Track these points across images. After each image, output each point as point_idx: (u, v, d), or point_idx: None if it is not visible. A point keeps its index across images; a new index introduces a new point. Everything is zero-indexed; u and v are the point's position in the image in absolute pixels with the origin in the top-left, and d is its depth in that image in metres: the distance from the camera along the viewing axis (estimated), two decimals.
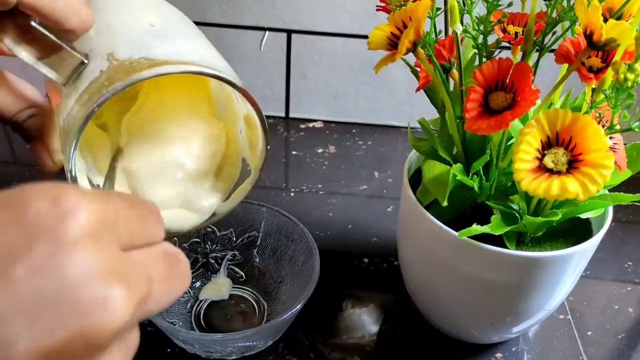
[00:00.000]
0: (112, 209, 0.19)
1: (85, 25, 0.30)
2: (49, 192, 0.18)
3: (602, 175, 0.28)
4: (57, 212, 0.18)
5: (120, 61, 0.30)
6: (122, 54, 0.31)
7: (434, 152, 0.39)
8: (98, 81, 0.30)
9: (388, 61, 0.33)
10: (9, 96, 0.32)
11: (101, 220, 0.18)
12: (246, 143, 0.39)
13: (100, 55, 0.31)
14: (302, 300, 0.40)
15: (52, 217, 0.17)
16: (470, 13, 0.34)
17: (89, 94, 0.30)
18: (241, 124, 0.39)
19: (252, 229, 0.49)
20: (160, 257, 0.21)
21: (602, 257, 0.51)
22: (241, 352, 0.42)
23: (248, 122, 0.38)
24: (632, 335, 0.46)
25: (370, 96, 0.66)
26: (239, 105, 0.38)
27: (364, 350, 0.44)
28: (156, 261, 0.21)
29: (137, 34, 0.32)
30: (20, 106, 0.33)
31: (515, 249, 0.36)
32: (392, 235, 0.53)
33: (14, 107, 0.33)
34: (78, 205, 0.18)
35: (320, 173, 0.61)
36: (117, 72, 0.29)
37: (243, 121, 0.38)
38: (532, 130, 0.29)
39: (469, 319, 0.41)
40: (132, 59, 0.30)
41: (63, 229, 0.17)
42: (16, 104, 0.33)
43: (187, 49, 0.33)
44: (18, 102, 0.33)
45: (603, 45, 0.30)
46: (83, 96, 0.30)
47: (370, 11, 0.44)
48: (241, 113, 0.38)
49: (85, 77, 0.30)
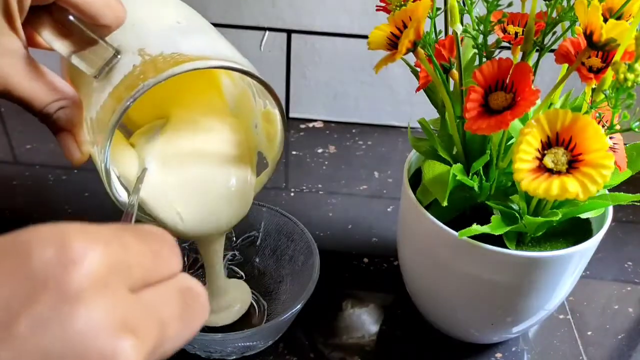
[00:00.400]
0: (122, 248, 0.18)
1: (119, 20, 0.32)
2: (54, 237, 0.17)
3: (602, 175, 0.28)
4: (61, 260, 0.16)
5: (153, 56, 0.31)
6: (153, 49, 0.32)
7: (434, 152, 0.39)
8: (132, 75, 0.30)
9: (388, 61, 0.33)
10: (43, 88, 0.33)
11: (110, 264, 0.17)
12: (263, 137, 0.39)
13: (131, 51, 0.32)
14: (302, 300, 0.40)
15: (56, 266, 0.16)
16: (470, 13, 0.34)
17: (123, 87, 0.30)
18: (257, 120, 0.39)
19: (252, 229, 0.49)
20: (175, 294, 0.20)
21: (602, 257, 0.51)
22: (241, 352, 0.42)
23: (266, 117, 0.38)
24: (632, 335, 0.46)
25: (370, 96, 0.66)
26: (256, 101, 0.39)
27: (364, 350, 0.44)
28: (170, 300, 0.20)
29: (165, 31, 0.33)
30: (52, 98, 0.33)
31: (515, 249, 0.36)
32: (392, 235, 0.53)
33: (47, 98, 0.33)
34: (84, 250, 0.17)
35: (320, 173, 0.61)
36: (151, 66, 0.30)
37: (261, 117, 0.39)
38: (532, 130, 0.29)
39: (469, 319, 0.41)
40: (163, 54, 0.31)
41: (68, 279, 0.16)
42: (49, 96, 0.33)
43: (212, 45, 0.34)
44: (50, 94, 0.33)
45: (603, 45, 0.30)
46: (118, 90, 0.31)
47: (370, 11, 0.44)
48: (258, 109, 0.39)
49: (117, 72, 0.31)
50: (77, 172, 0.59)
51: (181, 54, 0.31)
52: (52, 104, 0.33)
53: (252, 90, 0.39)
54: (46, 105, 0.33)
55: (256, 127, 0.40)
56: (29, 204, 0.55)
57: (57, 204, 0.55)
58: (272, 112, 0.38)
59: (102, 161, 0.31)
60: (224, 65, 0.31)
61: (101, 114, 0.31)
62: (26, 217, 0.53)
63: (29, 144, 0.62)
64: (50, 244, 0.16)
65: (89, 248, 0.17)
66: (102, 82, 0.32)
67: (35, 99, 0.33)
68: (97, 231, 0.18)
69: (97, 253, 0.17)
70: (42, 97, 0.33)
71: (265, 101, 0.38)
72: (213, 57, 0.31)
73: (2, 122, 0.65)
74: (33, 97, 0.32)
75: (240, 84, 0.40)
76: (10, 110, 0.67)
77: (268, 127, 0.39)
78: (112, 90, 0.31)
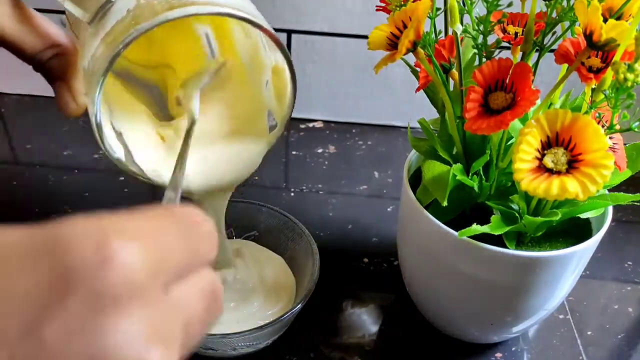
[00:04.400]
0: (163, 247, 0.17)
1: None
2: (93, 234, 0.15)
3: (602, 175, 0.28)
4: (100, 259, 0.15)
5: (148, 0, 0.29)
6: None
7: (434, 152, 0.39)
8: (125, 21, 0.29)
9: (388, 61, 0.33)
10: (32, 33, 0.31)
11: (149, 266, 0.16)
12: (272, 95, 0.38)
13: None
14: (302, 301, 0.40)
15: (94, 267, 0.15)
16: (470, 13, 0.34)
17: (115, 33, 0.29)
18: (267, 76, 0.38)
19: (252, 228, 0.49)
20: (201, 293, 0.19)
21: (602, 257, 0.51)
22: (241, 351, 0.42)
23: (276, 72, 0.37)
24: (632, 335, 0.46)
25: (370, 96, 0.66)
26: (267, 54, 0.37)
27: (364, 350, 0.44)
28: (196, 300, 0.19)
29: None
30: (43, 44, 0.32)
31: (515, 249, 0.36)
32: (392, 235, 0.53)
33: (37, 45, 0.32)
34: (124, 251, 0.15)
35: (320, 173, 0.61)
36: (144, 11, 0.29)
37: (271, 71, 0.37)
38: (532, 130, 0.29)
39: (469, 318, 0.41)
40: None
41: (105, 282, 0.15)
42: (39, 42, 0.32)
43: None
44: (41, 40, 0.32)
45: (603, 45, 0.30)
46: (109, 36, 0.29)
47: (370, 11, 0.44)
48: (268, 63, 0.37)
49: (111, 16, 0.30)
50: (77, 172, 0.59)
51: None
52: (45, 51, 0.32)
53: (262, 43, 0.37)
54: (38, 52, 0.32)
55: (267, 84, 0.38)
56: (29, 204, 0.55)
57: (57, 204, 0.55)
58: (281, 67, 0.36)
59: (93, 113, 0.29)
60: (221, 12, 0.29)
61: (92, 63, 0.30)
62: (26, 217, 0.53)
63: (29, 144, 0.62)
64: (90, 241, 0.15)
65: (129, 248, 0.15)
66: (96, 28, 0.30)
67: (25, 44, 0.31)
68: (139, 227, 0.16)
69: (137, 255, 0.16)
70: (32, 42, 0.31)
71: (276, 55, 0.36)
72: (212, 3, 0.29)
73: (2, 122, 0.65)
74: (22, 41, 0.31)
75: (253, 35, 0.37)
76: (11, 110, 0.67)
77: (277, 82, 0.37)
78: (104, 36, 0.29)
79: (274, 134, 0.38)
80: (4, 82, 0.68)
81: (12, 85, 0.69)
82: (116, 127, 0.34)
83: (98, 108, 0.29)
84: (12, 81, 0.68)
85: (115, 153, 0.33)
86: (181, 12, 0.28)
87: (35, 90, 0.69)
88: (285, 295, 0.44)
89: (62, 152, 0.61)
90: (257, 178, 0.59)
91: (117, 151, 0.33)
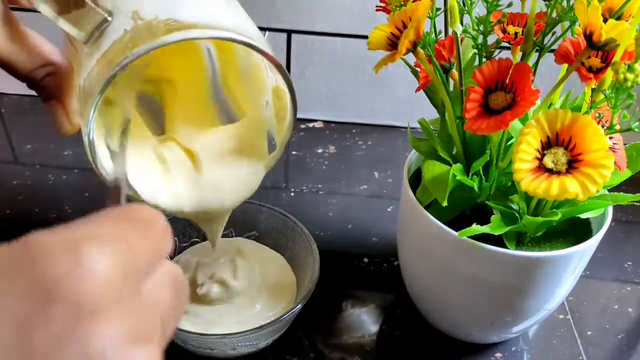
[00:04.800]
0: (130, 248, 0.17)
1: None
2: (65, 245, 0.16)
3: (602, 175, 0.28)
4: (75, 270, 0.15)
5: (146, 21, 0.29)
6: (148, 12, 0.29)
7: (434, 152, 0.39)
8: (121, 41, 0.28)
9: (388, 61, 0.33)
10: (25, 51, 0.31)
11: (122, 270, 0.16)
12: (273, 116, 0.37)
13: (124, 13, 0.29)
14: (302, 301, 0.40)
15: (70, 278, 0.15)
16: (470, 13, 0.34)
17: (111, 55, 0.28)
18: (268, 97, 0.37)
19: (252, 228, 0.49)
20: (168, 286, 0.20)
21: (602, 257, 0.51)
22: (241, 351, 0.42)
23: (277, 93, 0.36)
24: (632, 335, 0.46)
25: (370, 96, 0.66)
26: (268, 75, 0.37)
27: (364, 350, 0.44)
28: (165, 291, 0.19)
29: None
30: (37, 63, 0.32)
31: (515, 249, 0.36)
32: (392, 235, 0.53)
33: (30, 63, 0.31)
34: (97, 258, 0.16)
35: (320, 173, 0.61)
36: (142, 33, 0.28)
37: (272, 93, 0.37)
38: (532, 130, 0.29)
39: (468, 319, 0.41)
40: (158, 19, 0.28)
41: (84, 291, 0.15)
42: (32, 61, 0.31)
43: (216, 13, 0.31)
44: (34, 59, 0.31)
45: (603, 45, 0.30)
46: (105, 57, 0.28)
47: (370, 11, 0.44)
48: (269, 84, 0.37)
49: (108, 36, 0.29)
50: (77, 172, 0.59)
51: (177, 20, 0.28)
52: (38, 69, 0.32)
53: (264, 64, 0.37)
54: (31, 70, 0.31)
55: (267, 105, 0.38)
56: (29, 204, 0.55)
57: (57, 204, 0.55)
58: (282, 89, 0.35)
59: (85, 134, 0.29)
60: (222, 37, 0.28)
61: (88, 82, 0.29)
62: (26, 217, 0.53)
63: (29, 144, 0.62)
64: (63, 253, 0.15)
65: (102, 255, 0.16)
66: (92, 48, 0.29)
67: (18, 63, 0.31)
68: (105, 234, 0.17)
69: (110, 260, 0.16)
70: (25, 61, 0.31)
71: (276, 77, 0.35)
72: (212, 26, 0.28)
73: (2, 122, 0.65)
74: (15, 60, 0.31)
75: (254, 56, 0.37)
76: (11, 110, 0.67)
77: (278, 104, 0.37)
78: (99, 57, 0.29)
79: (273, 156, 0.38)
80: (4, 82, 0.68)
81: (12, 85, 0.68)
82: (111, 146, 0.34)
83: (92, 128, 0.29)
84: (12, 81, 0.68)
85: (109, 175, 0.33)
86: (180, 35, 0.28)
87: None
88: (287, 295, 0.44)
89: (62, 152, 0.61)
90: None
91: (109, 171, 0.33)
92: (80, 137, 0.67)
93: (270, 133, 0.38)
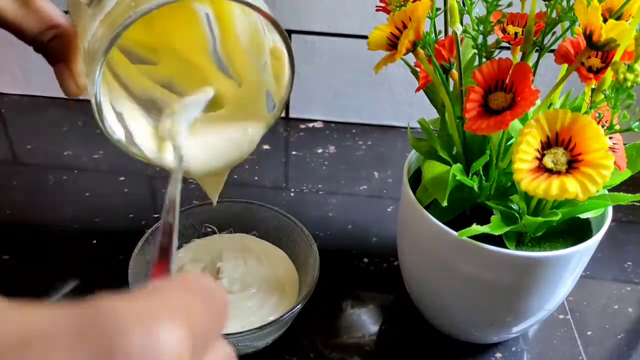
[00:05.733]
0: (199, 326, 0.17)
1: None
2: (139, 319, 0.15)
3: (602, 175, 0.28)
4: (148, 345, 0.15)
5: None
6: None
7: (434, 152, 0.39)
8: (124, 2, 0.29)
9: (388, 61, 0.33)
10: (32, 15, 0.31)
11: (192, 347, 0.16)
12: (271, 76, 0.38)
13: None
14: (302, 300, 0.40)
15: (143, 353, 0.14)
16: (470, 13, 0.34)
17: (114, 15, 0.29)
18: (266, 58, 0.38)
19: (252, 228, 0.49)
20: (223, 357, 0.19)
21: (602, 257, 0.51)
22: (241, 351, 0.42)
23: (274, 53, 0.37)
24: (632, 335, 0.46)
25: (370, 96, 0.66)
26: (266, 36, 0.37)
27: (364, 350, 0.44)
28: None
29: None
30: (43, 26, 0.32)
31: (515, 249, 0.36)
32: (392, 235, 0.53)
33: (36, 26, 0.32)
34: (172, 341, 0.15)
35: (320, 173, 0.61)
36: None
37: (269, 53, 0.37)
38: (532, 130, 0.29)
39: (468, 319, 0.41)
40: None
41: None
42: (38, 24, 0.32)
43: None
44: (40, 22, 0.32)
45: (602, 45, 0.30)
46: (108, 17, 0.29)
47: (370, 11, 0.44)
48: (267, 44, 0.37)
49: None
50: (77, 172, 0.59)
51: None
52: (45, 32, 0.32)
53: (261, 24, 0.37)
54: (38, 33, 0.32)
55: (265, 64, 0.38)
56: (29, 204, 0.55)
57: (57, 204, 0.55)
58: (279, 48, 0.35)
59: (93, 94, 0.29)
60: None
61: (92, 44, 0.30)
62: (26, 217, 0.53)
63: (29, 144, 0.62)
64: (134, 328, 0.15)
65: (174, 334, 0.15)
66: (95, 10, 0.30)
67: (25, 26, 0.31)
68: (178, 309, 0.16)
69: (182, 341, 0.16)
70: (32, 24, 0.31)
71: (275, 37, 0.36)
72: None
73: (2, 122, 0.65)
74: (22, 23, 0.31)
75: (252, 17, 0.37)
76: (11, 110, 0.67)
77: (275, 64, 0.37)
78: (103, 18, 0.29)
79: (273, 114, 0.38)
80: (4, 82, 0.68)
81: (12, 85, 0.69)
82: (116, 108, 0.34)
83: (98, 89, 0.29)
84: (12, 81, 0.68)
85: (115, 134, 0.33)
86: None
87: (35, 90, 0.69)
88: (289, 294, 0.44)
89: (62, 152, 0.61)
90: (257, 178, 0.59)
91: (117, 132, 0.33)
92: (79, 138, 0.67)
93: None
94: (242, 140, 0.38)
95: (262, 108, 0.39)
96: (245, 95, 0.38)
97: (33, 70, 0.67)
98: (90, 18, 0.30)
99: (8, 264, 0.48)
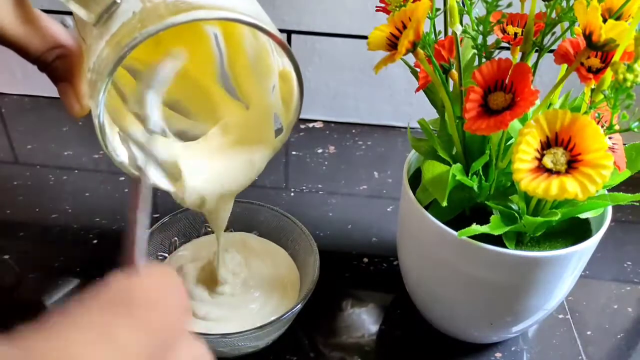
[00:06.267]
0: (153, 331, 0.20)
1: None
2: None
3: (601, 175, 0.28)
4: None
5: (154, 3, 0.29)
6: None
7: (434, 152, 0.39)
8: (130, 23, 0.29)
9: (388, 61, 0.33)
10: (36, 34, 0.31)
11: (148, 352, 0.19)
12: (279, 100, 0.38)
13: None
14: (302, 300, 0.40)
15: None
16: (469, 13, 0.34)
17: (120, 36, 0.29)
18: (275, 81, 0.38)
19: (252, 228, 0.49)
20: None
21: (602, 257, 0.51)
22: (241, 351, 0.42)
23: (283, 76, 0.37)
24: (631, 335, 0.46)
25: (370, 96, 0.66)
26: (274, 58, 0.37)
27: (364, 350, 0.44)
28: None
29: None
30: (48, 45, 0.32)
31: (515, 249, 0.36)
32: (392, 235, 0.53)
33: (41, 45, 0.32)
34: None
35: (320, 173, 0.61)
36: (151, 14, 0.28)
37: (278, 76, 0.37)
38: (532, 130, 0.29)
39: (468, 318, 0.41)
40: (166, 1, 0.29)
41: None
42: (43, 43, 0.32)
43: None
44: (45, 41, 0.32)
45: (602, 45, 0.30)
46: (114, 38, 0.29)
47: (370, 11, 0.44)
48: (276, 67, 0.37)
49: (117, 18, 0.29)
50: (77, 172, 0.59)
51: (186, 1, 0.29)
52: (49, 52, 0.32)
53: (270, 47, 0.37)
54: (42, 53, 0.32)
55: (274, 88, 0.38)
56: (29, 204, 0.55)
57: (57, 204, 0.55)
58: (288, 72, 0.36)
59: (96, 116, 0.29)
60: (229, 17, 0.29)
61: (97, 64, 0.30)
62: (26, 217, 0.53)
63: (29, 144, 0.62)
64: None
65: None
66: (101, 30, 0.30)
67: (29, 45, 0.31)
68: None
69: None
70: (36, 43, 0.31)
71: (284, 60, 0.36)
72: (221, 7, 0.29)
73: (2, 122, 0.65)
74: (26, 42, 0.31)
75: (261, 38, 0.37)
76: (11, 110, 0.67)
77: (284, 87, 0.37)
78: (109, 38, 0.29)
79: (279, 138, 0.38)
80: (4, 82, 0.68)
81: (12, 85, 0.69)
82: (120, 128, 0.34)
83: (101, 110, 0.29)
84: (12, 81, 0.68)
85: (119, 156, 0.33)
86: (187, 16, 0.28)
87: (35, 90, 0.69)
88: (289, 294, 0.44)
89: (62, 152, 0.61)
90: (257, 178, 0.59)
91: (121, 154, 0.33)
92: (79, 138, 0.67)
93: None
94: (248, 164, 0.38)
95: (269, 131, 0.38)
96: (253, 118, 0.38)
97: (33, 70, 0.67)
98: (96, 38, 0.30)
99: (8, 264, 0.48)
